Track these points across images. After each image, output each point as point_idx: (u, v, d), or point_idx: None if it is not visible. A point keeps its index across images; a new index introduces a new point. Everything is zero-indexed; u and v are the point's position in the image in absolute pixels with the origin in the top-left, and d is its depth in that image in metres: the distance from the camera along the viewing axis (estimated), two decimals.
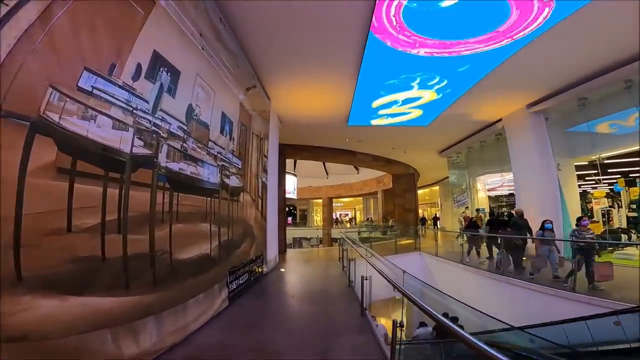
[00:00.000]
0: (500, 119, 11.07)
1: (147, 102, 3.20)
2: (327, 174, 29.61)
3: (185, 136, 3.94)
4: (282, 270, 8.88)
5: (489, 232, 9.12)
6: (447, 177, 24.16)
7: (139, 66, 2.99)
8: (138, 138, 3.05)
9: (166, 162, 3.46)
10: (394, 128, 11.83)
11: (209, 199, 4.54)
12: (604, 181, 11.05)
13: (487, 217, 12.28)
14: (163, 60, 3.41)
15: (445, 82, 7.70)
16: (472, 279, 8.52)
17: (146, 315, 3.05)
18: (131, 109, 2.92)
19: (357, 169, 28.28)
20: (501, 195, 14.50)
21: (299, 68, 7.19)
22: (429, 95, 8.57)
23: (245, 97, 6.58)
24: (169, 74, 3.59)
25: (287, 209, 34.99)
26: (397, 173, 19.06)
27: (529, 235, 7.74)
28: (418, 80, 7.53)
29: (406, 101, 8.91)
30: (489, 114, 10.90)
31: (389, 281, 3.85)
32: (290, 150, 13.68)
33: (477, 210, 13.69)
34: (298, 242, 27.89)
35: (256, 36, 5.84)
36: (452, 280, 9.37)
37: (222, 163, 5.14)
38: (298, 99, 9.23)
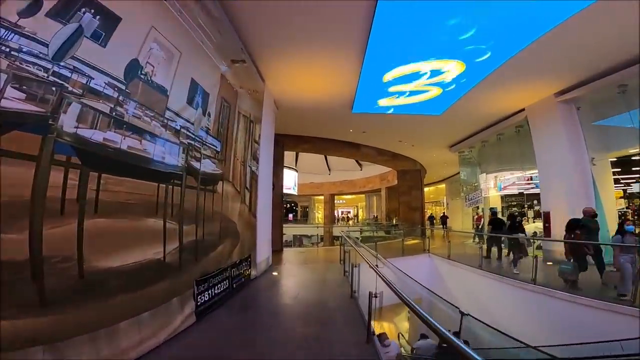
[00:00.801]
0: (523, 109, 9.79)
1: (44, 44, 2.15)
2: (329, 170, 28.44)
3: (121, 98, 2.74)
4: (275, 274, 7.70)
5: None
6: (455, 175, 22.87)
7: None
8: (16, 87, 1.89)
9: (76, 127, 2.26)
10: (403, 118, 10.57)
11: (163, 185, 3.34)
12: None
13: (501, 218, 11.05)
14: None
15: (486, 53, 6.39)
16: (495, 288, 7.27)
17: (28, 346, 1.90)
18: (8, 49, 1.81)
19: (360, 165, 27.08)
20: (510, 195, 13.24)
21: (296, 41, 5.99)
22: (454, 68, 7.04)
23: (230, 70, 5.40)
24: (97, 17, 2.49)
25: (287, 205, 34.20)
26: (403, 169, 17.77)
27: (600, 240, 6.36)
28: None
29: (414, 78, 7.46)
30: (510, 103, 9.62)
31: (406, 304, 2.64)
32: (289, 141, 12.46)
33: (491, 209, 12.41)
34: (298, 240, 26.76)
35: (244, 3, 4.68)
36: (468, 288, 8.14)
37: (189, 141, 3.93)
38: (296, 80, 8.01)
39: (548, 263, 8.22)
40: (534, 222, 11.71)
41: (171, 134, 3.54)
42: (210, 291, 4.47)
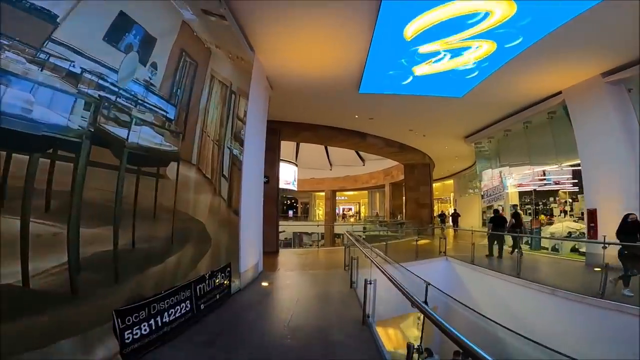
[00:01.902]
0: (559, 93, 8.20)
1: None
2: (330, 165, 26.87)
3: None
4: (265, 284, 6.15)
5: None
6: (465, 170, 21.26)
7: None
8: None
9: None
10: (416, 101, 9.00)
11: (24, 157, 1.79)
12: None
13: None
14: None
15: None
16: (541, 303, 5.70)
17: None
18: None
19: (362, 160, 25.52)
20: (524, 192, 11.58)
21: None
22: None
23: (199, 21, 3.86)
24: None
25: (287, 201, 32.64)
26: (411, 163, 16.17)
27: None
28: None
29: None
30: (543, 85, 8.09)
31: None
32: (287, 130, 10.88)
33: (513, 207, 10.85)
34: (299, 237, 25.27)
35: None
36: (502, 301, 6.57)
37: (105, 95, 2.37)
38: (293, 55, 6.54)
39: (595, 269, 6.70)
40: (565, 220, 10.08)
41: (56, 77, 1.98)
42: (153, 321, 2.94)
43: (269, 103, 8.75)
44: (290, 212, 31.69)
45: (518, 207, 10.81)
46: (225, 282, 4.79)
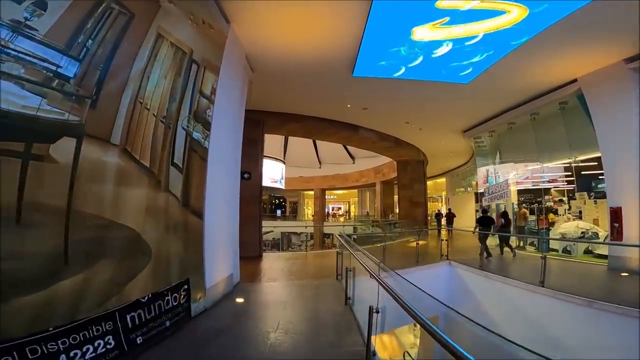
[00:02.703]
0: (574, 80, 7.30)
1: None
2: (319, 163, 25.75)
3: None
4: (240, 300, 4.96)
5: None
6: (459, 167, 20.45)
7: None
8: None
9: None
10: (416, 88, 7.98)
11: None
12: None
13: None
14: None
15: None
16: (580, 317, 4.68)
17: None
18: None
19: (352, 158, 24.52)
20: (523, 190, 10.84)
21: None
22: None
23: None
24: None
25: (276, 201, 31.35)
26: (405, 159, 15.18)
27: None
28: None
29: None
30: (556, 72, 7.23)
31: None
32: (271, 120, 9.67)
33: (518, 205, 9.96)
34: (287, 238, 24.04)
35: None
36: (526, 315, 5.56)
37: None
38: (278, 26, 5.41)
39: (623, 274, 5.85)
40: (572, 219, 9.23)
41: None
42: None
43: (251, 88, 7.56)
44: (279, 212, 30.53)
45: (522, 206, 9.93)
46: (181, 303, 3.61)
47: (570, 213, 9.75)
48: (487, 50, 6.09)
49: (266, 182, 15.75)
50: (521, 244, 9.64)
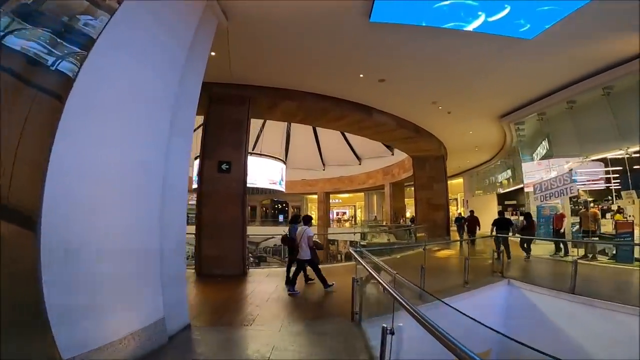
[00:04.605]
0: None
1: None
2: (323, 164, 23.39)
3: None
4: None
5: None
6: (479, 166, 17.91)
7: None
8: None
9: None
10: (456, 47, 5.62)
11: None
12: None
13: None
14: None
15: None
16: None
17: None
18: None
19: (359, 158, 22.15)
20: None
21: None
22: None
23: None
24: None
25: (278, 205, 28.93)
26: (422, 154, 12.72)
27: None
28: None
29: None
30: None
31: None
32: (260, 98, 7.31)
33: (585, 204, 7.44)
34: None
35: None
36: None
37: None
38: None
39: None
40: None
41: None
42: None
43: (227, 44, 5.27)
44: (281, 217, 28.19)
45: (592, 205, 7.42)
46: None
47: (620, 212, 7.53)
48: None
49: (264, 183, 13.55)
50: (588, 252, 7.15)
